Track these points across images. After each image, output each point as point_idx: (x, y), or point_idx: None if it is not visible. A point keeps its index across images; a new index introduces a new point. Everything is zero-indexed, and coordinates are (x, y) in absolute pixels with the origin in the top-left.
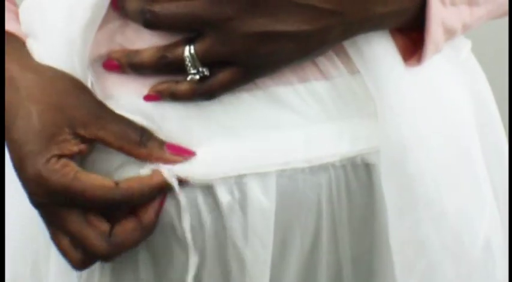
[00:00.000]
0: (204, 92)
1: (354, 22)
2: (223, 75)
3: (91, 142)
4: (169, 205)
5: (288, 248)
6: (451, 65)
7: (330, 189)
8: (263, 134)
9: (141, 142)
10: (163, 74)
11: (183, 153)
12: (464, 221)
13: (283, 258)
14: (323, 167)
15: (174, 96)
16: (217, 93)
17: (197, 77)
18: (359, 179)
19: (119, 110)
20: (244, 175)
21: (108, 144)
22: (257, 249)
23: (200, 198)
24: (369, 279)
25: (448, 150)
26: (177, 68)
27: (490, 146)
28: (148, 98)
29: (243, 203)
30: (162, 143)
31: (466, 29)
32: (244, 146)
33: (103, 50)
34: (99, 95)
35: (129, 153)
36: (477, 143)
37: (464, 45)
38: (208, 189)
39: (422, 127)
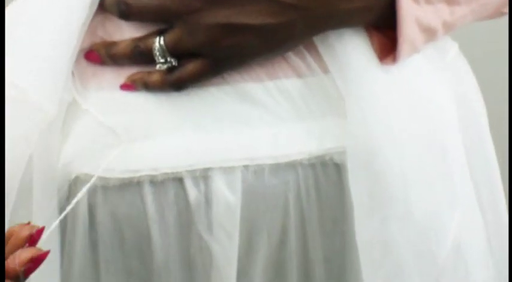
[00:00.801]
0: (173, 82)
1: (319, 17)
2: (191, 66)
3: None
4: (134, 197)
5: (255, 244)
6: (434, 65)
7: (298, 188)
8: (230, 128)
9: None
10: (138, 64)
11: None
12: (432, 221)
13: (250, 253)
14: (290, 165)
15: (146, 86)
16: (185, 84)
17: (164, 66)
18: (329, 179)
19: (95, 100)
20: (210, 168)
21: None
22: (223, 241)
23: (166, 190)
24: (341, 280)
25: (422, 150)
26: (148, 57)
27: (475, 147)
28: (124, 86)
29: (208, 195)
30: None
31: (448, 28)
32: (211, 140)
33: (86, 43)
34: (78, 85)
35: None
36: (459, 145)
37: (450, 47)
38: (174, 181)
39: (395, 126)
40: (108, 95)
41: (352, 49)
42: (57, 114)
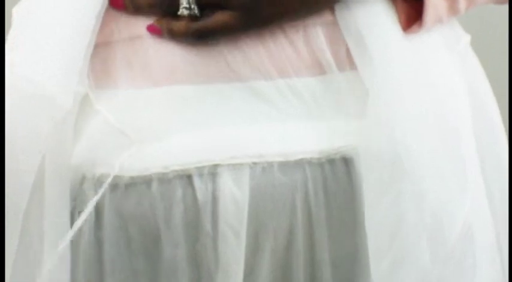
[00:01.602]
0: (197, 30)
1: None
2: (218, 16)
3: None
4: (142, 196)
5: (261, 243)
6: (449, 50)
7: (306, 188)
8: (240, 125)
9: None
10: (160, 14)
11: None
12: (444, 203)
13: (256, 252)
14: (298, 164)
15: (171, 33)
16: (209, 34)
17: (186, 13)
18: (338, 179)
19: (106, 99)
20: (218, 165)
21: None
22: (230, 239)
23: (174, 188)
24: None
25: (436, 130)
26: (172, 7)
27: (486, 140)
28: (150, 29)
29: (215, 193)
30: None
31: (469, 1)
32: (220, 137)
33: (100, 38)
34: (92, 83)
35: None
36: (469, 129)
37: (463, 35)
38: (182, 178)
39: (413, 104)
40: (120, 94)
41: (375, 16)
42: (71, 109)
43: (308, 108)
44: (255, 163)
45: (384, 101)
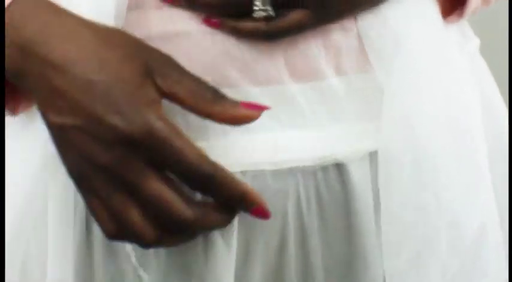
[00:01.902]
0: (270, 30)
1: None
2: (293, 15)
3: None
4: None
5: (252, 252)
6: (460, 48)
7: (298, 195)
8: (231, 134)
9: (215, 100)
10: (224, 15)
11: (257, 109)
12: (460, 201)
13: (247, 262)
14: (290, 172)
15: (236, 31)
16: (281, 34)
17: (263, 14)
18: (330, 186)
19: None
20: None
21: (180, 101)
22: (220, 247)
23: None
24: None
25: (450, 127)
26: (241, 8)
27: (492, 132)
28: (208, 21)
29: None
30: (236, 102)
31: None
32: (210, 145)
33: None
34: None
35: (201, 112)
36: (480, 128)
37: (473, 39)
38: None
39: (433, 98)
40: None
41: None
42: None
43: (302, 114)
44: (244, 172)
45: (403, 97)
